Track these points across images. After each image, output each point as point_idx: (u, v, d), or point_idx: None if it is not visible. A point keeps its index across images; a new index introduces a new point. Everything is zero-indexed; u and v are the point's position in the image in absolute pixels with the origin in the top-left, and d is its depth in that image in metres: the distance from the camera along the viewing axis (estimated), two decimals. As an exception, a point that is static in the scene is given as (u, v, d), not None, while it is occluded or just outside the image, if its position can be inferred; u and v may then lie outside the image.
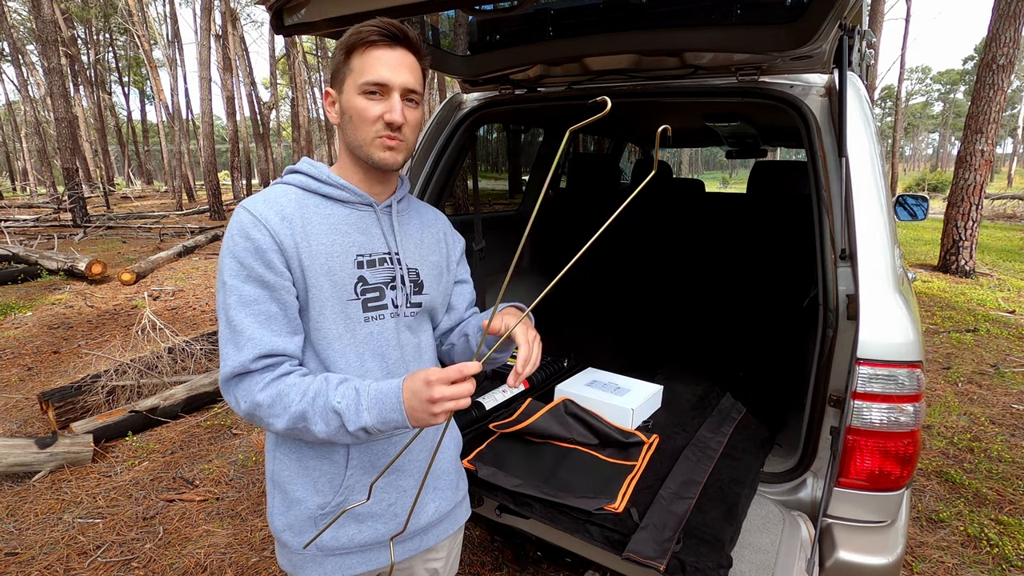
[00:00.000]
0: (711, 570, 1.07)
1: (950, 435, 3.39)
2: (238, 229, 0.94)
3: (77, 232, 10.82)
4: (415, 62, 1.00)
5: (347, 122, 0.99)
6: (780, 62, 1.57)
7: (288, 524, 1.05)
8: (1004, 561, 2.34)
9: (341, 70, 0.98)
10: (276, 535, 1.08)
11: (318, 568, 1.06)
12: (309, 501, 1.03)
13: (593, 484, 1.37)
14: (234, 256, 0.93)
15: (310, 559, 1.06)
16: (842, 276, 1.36)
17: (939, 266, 8.22)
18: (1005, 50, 7.16)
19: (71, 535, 2.48)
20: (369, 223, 1.05)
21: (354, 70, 0.96)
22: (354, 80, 0.96)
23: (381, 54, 0.96)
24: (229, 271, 0.93)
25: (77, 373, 4.22)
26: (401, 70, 0.97)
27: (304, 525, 1.04)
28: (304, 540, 1.04)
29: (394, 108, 0.97)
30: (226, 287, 0.93)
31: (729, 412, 1.81)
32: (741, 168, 36.23)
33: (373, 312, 1.03)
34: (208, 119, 14.62)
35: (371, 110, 0.96)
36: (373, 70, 0.95)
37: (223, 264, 0.94)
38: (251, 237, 0.93)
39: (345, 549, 1.06)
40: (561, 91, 2.01)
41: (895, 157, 21.36)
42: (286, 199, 0.99)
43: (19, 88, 23.89)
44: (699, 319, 3.06)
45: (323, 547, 1.04)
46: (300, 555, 1.05)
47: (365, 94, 0.96)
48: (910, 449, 1.30)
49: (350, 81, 0.97)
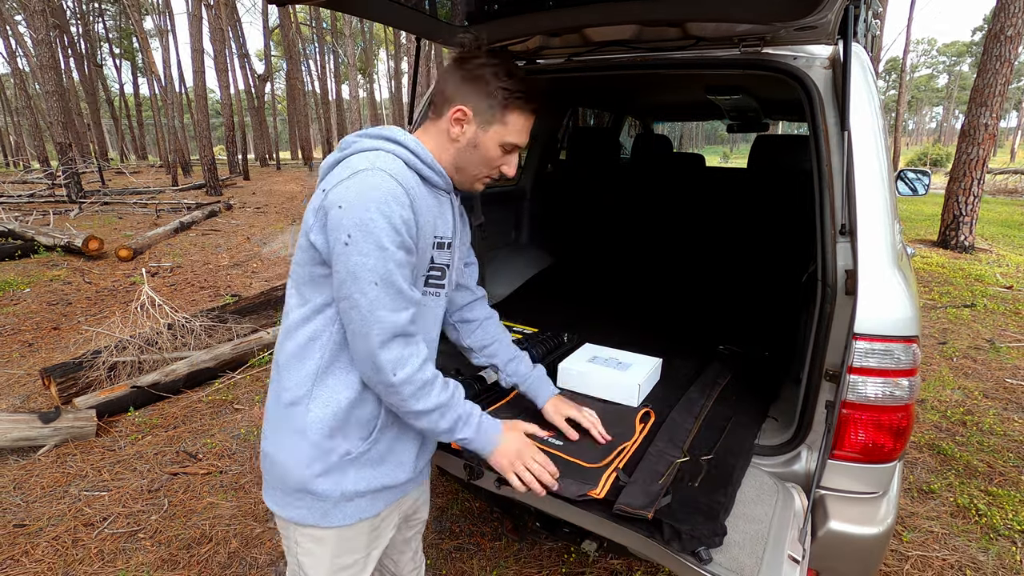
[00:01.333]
0: (706, 538, 1.09)
1: (943, 409, 3.43)
2: (390, 196, 0.97)
3: (72, 208, 10.73)
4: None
5: (471, 152, 1.11)
6: (784, 33, 1.53)
7: (319, 472, 1.08)
8: (992, 530, 2.40)
9: (493, 113, 1.08)
10: (298, 485, 1.09)
11: (340, 513, 1.11)
12: (341, 448, 1.08)
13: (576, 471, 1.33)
14: (390, 221, 0.96)
15: (334, 504, 1.10)
16: (841, 251, 1.36)
17: (938, 241, 8.20)
18: (1014, 20, 7.02)
19: (77, 507, 2.52)
20: (445, 208, 1.15)
21: (507, 125, 1.10)
22: (501, 134, 1.10)
23: (527, 123, 1.12)
24: (387, 236, 0.95)
25: (78, 349, 4.24)
26: (528, 135, 1.14)
27: (334, 470, 1.09)
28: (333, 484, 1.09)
29: (512, 165, 1.15)
30: (386, 251, 0.96)
31: (715, 377, 1.88)
32: (742, 142, 35.87)
33: (432, 289, 1.15)
34: (202, 92, 14.37)
35: (499, 160, 1.14)
36: (521, 137, 1.12)
37: (375, 226, 0.95)
38: (403, 204, 0.98)
39: (364, 492, 1.13)
40: (561, 63, 1.98)
41: (898, 131, 21.11)
42: (405, 174, 1.02)
43: (7, 60, 23.43)
44: (697, 293, 3.06)
45: (347, 491, 1.11)
46: (327, 500, 1.09)
47: (502, 148, 1.12)
48: (904, 422, 1.31)
49: (497, 131, 1.10)
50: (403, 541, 1.41)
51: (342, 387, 1.06)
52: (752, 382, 1.89)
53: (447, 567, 2.18)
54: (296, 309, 1.08)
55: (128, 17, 21.40)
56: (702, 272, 3.27)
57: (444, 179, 1.12)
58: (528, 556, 2.22)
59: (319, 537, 1.13)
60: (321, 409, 1.06)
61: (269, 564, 2.20)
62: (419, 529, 1.45)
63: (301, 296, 1.07)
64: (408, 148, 1.05)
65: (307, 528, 1.12)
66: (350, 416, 1.08)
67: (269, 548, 2.27)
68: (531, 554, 2.23)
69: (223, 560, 2.21)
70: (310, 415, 1.06)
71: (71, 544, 2.30)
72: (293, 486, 1.09)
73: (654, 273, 3.39)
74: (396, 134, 1.06)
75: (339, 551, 1.16)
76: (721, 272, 3.20)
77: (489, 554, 2.24)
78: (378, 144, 1.04)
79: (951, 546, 2.31)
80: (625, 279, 3.33)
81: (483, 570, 2.16)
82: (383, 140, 1.05)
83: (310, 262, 1.03)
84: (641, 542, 1.19)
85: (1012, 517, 2.47)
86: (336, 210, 0.95)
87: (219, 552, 2.25)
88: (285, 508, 1.11)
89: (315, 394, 1.06)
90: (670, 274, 3.33)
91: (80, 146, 18.22)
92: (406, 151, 1.05)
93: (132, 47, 33.33)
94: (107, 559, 2.22)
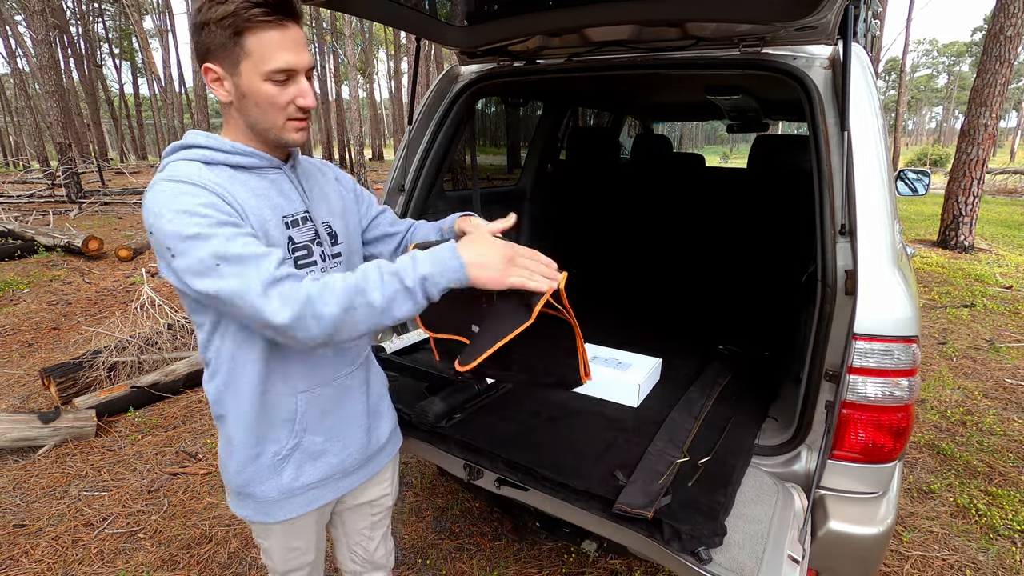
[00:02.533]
0: (706, 538, 1.09)
1: (943, 409, 3.43)
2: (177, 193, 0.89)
3: (72, 208, 10.73)
4: (303, 34, 0.98)
5: (250, 106, 0.97)
6: (784, 33, 1.53)
7: (251, 478, 1.12)
8: (991, 530, 2.40)
9: (230, 50, 0.93)
10: (238, 489, 1.14)
11: (284, 508, 1.15)
12: (268, 450, 1.11)
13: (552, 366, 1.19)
14: (188, 212, 0.88)
15: (274, 503, 1.14)
16: (841, 251, 1.36)
17: (938, 241, 8.20)
18: (1014, 21, 7.02)
19: (77, 507, 2.52)
20: (283, 185, 1.07)
21: (252, 54, 0.93)
22: (255, 66, 0.93)
23: (279, 37, 0.93)
24: (195, 225, 0.87)
25: (77, 349, 4.24)
26: (302, 50, 0.96)
27: (266, 473, 1.12)
28: (270, 486, 1.12)
29: (307, 93, 0.99)
30: (199, 236, 0.87)
31: (715, 377, 1.89)
32: (742, 142, 35.89)
33: (304, 269, 1.06)
34: (202, 92, 14.37)
35: (282, 96, 0.96)
36: (277, 57, 0.93)
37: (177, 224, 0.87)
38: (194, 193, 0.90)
39: (306, 487, 1.16)
40: (561, 63, 1.98)
41: (898, 131, 21.11)
42: (200, 173, 0.94)
43: (7, 60, 23.42)
44: (697, 293, 3.06)
45: (285, 489, 1.13)
46: (266, 501, 1.13)
47: (272, 81, 0.95)
48: (904, 423, 1.31)
49: (248, 65, 0.93)
50: (370, 527, 1.41)
51: (247, 391, 1.06)
52: (752, 382, 1.89)
53: (447, 567, 2.18)
54: (199, 338, 1.08)
55: (128, 17, 21.39)
56: (702, 272, 3.27)
57: (256, 156, 1.01)
58: (528, 556, 2.22)
59: (268, 530, 1.20)
60: (237, 418, 1.08)
61: (269, 564, 2.20)
62: (386, 513, 1.44)
63: (197, 326, 1.07)
64: (200, 146, 0.98)
65: (255, 524, 1.20)
66: (266, 417, 1.09)
67: (269, 548, 2.27)
68: (531, 554, 2.23)
69: (223, 560, 2.21)
70: (230, 425, 1.10)
71: (71, 544, 2.29)
72: (236, 489, 1.15)
73: (654, 273, 3.39)
74: (188, 139, 1.00)
75: (288, 538, 1.22)
76: (721, 272, 3.19)
77: (489, 554, 2.24)
78: (172, 158, 0.99)
79: (951, 546, 2.31)
80: (625, 279, 3.34)
81: (483, 570, 2.16)
82: (176, 151, 0.99)
83: (182, 295, 1.00)
84: (641, 542, 1.19)
85: (1012, 517, 2.46)
86: (151, 237, 0.91)
87: (219, 552, 2.25)
88: (237, 507, 1.18)
89: (229, 406, 1.08)
90: (670, 274, 3.33)
91: (80, 146, 18.22)
92: (199, 150, 0.98)
93: (132, 47, 33.35)
94: (107, 559, 2.22)
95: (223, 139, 1.01)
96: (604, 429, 1.56)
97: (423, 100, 2.18)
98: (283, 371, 1.08)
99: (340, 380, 1.17)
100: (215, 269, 0.87)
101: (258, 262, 0.88)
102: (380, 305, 0.89)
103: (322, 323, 0.88)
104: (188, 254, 0.88)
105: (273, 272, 0.88)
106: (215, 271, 0.87)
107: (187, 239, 0.87)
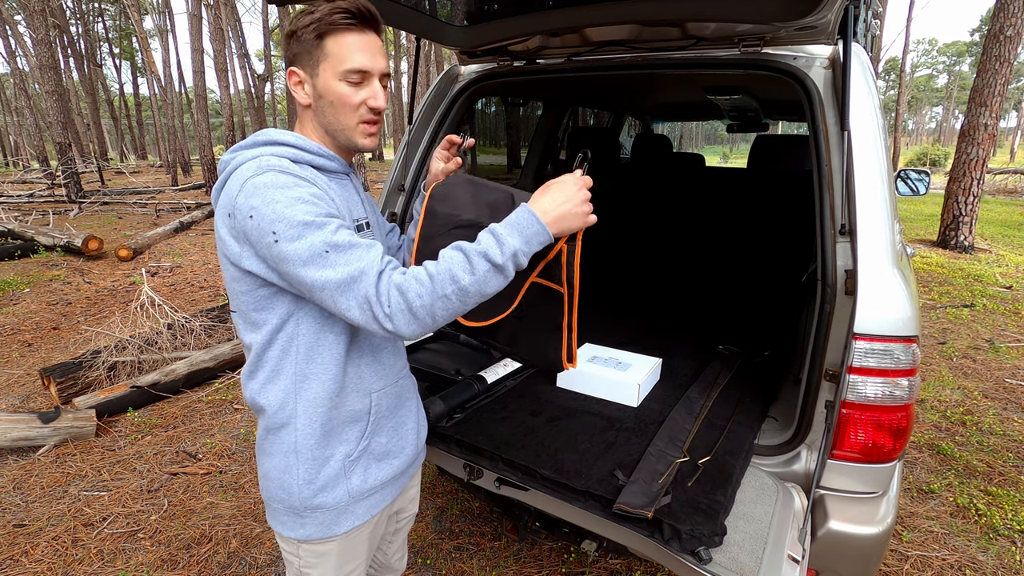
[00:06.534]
0: (706, 538, 1.10)
1: (943, 408, 3.43)
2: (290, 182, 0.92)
3: (72, 208, 10.73)
4: (382, 43, 1.03)
5: (326, 106, 1.01)
6: (784, 33, 1.54)
7: (322, 486, 1.07)
8: (991, 530, 2.40)
9: (312, 53, 0.99)
10: (305, 503, 1.07)
11: (352, 514, 1.11)
12: (338, 453, 1.08)
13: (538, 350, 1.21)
14: (301, 200, 0.90)
15: (342, 511, 1.10)
16: (841, 251, 1.36)
17: (938, 241, 8.20)
18: (1013, 20, 7.02)
19: (77, 507, 2.52)
20: (350, 191, 1.11)
21: (331, 55, 0.98)
22: (332, 66, 0.98)
23: (357, 40, 0.98)
24: (306, 212, 0.89)
25: (77, 349, 4.24)
26: (378, 55, 1.01)
27: (337, 477, 1.08)
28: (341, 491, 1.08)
29: (378, 95, 1.02)
30: (312, 224, 0.89)
31: (715, 377, 1.89)
32: (742, 142, 35.87)
33: None
34: (201, 92, 14.36)
35: (355, 97, 1.00)
36: (353, 58, 0.98)
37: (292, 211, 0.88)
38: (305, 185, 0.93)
39: (372, 489, 1.13)
40: (560, 63, 1.98)
41: (898, 131, 21.11)
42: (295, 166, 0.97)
43: (7, 60, 23.41)
44: (697, 293, 3.06)
45: (355, 492, 1.10)
46: (335, 509, 1.09)
47: (347, 81, 0.99)
48: (904, 422, 1.31)
49: (326, 66, 0.98)
50: (393, 532, 1.42)
51: (322, 392, 1.03)
52: (752, 382, 1.89)
53: (447, 567, 2.18)
54: (255, 340, 1.03)
55: (128, 17, 21.40)
56: (702, 272, 3.27)
57: (335, 160, 1.06)
58: (528, 556, 2.22)
59: (322, 552, 1.12)
60: (308, 422, 1.04)
61: (269, 564, 2.19)
62: (410, 519, 1.45)
63: (254, 325, 1.02)
64: (288, 144, 1.00)
65: (312, 544, 1.11)
66: (339, 417, 1.07)
67: (269, 548, 2.27)
68: (531, 554, 2.23)
69: (223, 560, 2.21)
70: (299, 432, 1.04)
71: (71, 544, 2.29)
72: (300, 506, 1.07)
73: (654, 273, 3.39)
74: (272, 135, 1.01)
75: (342, 560, 1.15)
76: (721, 272, 3.20)
77: (489, 554, 2.24)
78: (257, 152, 0.99)
79: (951, 546, 2.31)
80: (625, 279, 3.34)
81: (483, 570, 2.16)
82: (260, 147, 1.00)
83: (251, 288, 0.99)
84: (641, 542, 1.19)
85: (1012, 517, 2.47)
86: (249, 221, 0.90)
87: (219, 552, 2.25)
88: (294, 529, 1.09)
89: (298, 410, 1.03)
90: (670, 274, 3.33)
91: (80, 146, 18.22)
92: (287, 148, 1.00)
93: (132, 47, 33.31)
94: (107, 559, 2.22)
95: (308, 139, 1.03)
96: (604, 429, 1.56)
97: (423, 100, 2.18)
98: (357, 371, 1.08)
99: (402, 380, 1.20)
100: (323, 256, 0.88)
101: (366, 251, 0.91)
102: (472, 288, 0.91)
103: (419, 313, 0.90)
104: (298, 240, 0.88)
105: (380, 264, 0.91)
106: (323, 258, 0.88)
107: (299, 225, 0.88)
